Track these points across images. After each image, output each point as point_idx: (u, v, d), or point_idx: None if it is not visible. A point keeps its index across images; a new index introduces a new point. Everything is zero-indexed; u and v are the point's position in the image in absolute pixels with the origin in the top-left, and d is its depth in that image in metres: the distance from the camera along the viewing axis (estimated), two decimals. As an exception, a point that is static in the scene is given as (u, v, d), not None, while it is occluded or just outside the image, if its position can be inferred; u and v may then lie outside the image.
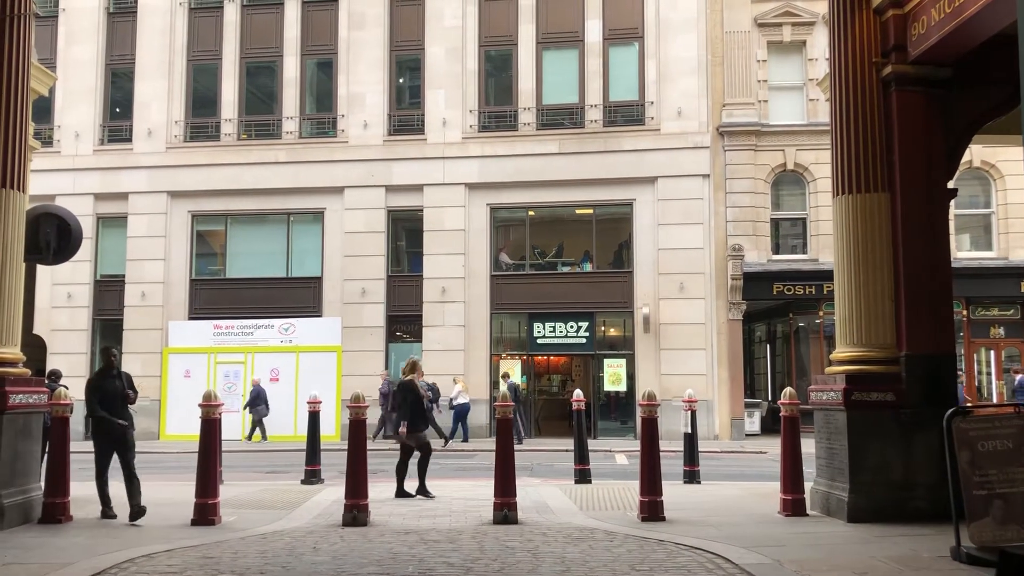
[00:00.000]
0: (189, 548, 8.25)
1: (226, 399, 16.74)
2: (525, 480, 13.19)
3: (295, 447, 18.55)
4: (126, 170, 26.12)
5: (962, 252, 23.62)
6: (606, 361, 24.62)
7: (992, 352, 24.75)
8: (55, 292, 25.72)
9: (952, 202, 10.96)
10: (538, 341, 25.03)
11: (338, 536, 8.88)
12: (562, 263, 25.84)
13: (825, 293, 22.00)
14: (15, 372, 9.67)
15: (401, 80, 26.86)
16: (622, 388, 24.38)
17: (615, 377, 24.44)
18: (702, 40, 24.71)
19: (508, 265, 25.54)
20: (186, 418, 22.04)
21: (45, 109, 25.42)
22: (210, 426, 9.76)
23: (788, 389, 10.65)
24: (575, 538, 8.67)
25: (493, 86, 26.44)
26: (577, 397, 14.32)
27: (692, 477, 13.38)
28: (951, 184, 10.63)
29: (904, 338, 9.86)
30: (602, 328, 25.26)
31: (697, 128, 24.49)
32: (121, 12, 27.05)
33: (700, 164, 24.33)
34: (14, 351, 9.80)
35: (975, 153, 22.97)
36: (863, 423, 9.67)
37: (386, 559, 7.74)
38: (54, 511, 9.70)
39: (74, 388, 11.70)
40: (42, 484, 10.03)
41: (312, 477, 13.56)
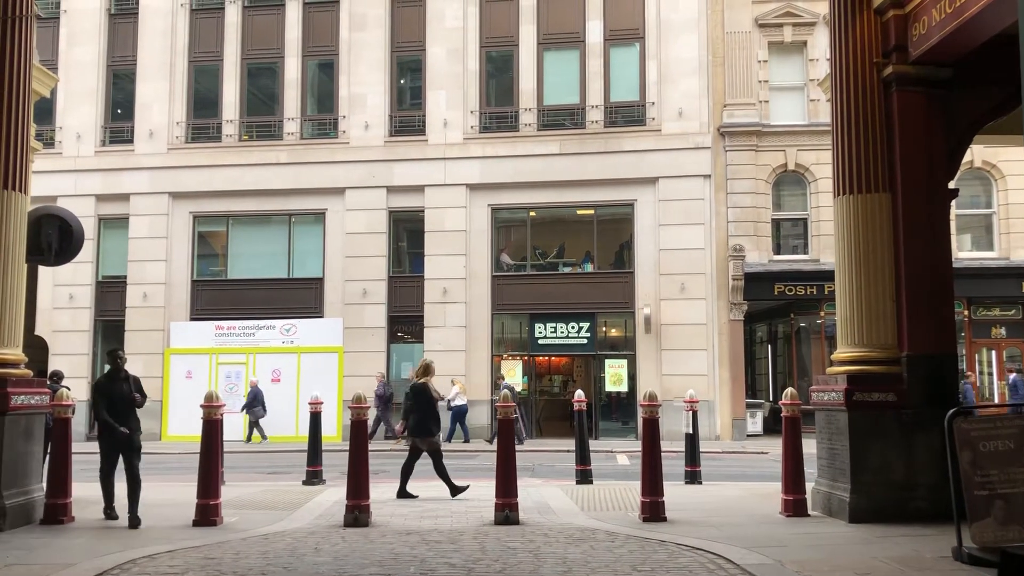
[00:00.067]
0: (191, 549, 8.27)
1: (227, 400, 16.70)
2: (526, 481, 13.21)
3: (296, 448, 18.55)
4: (127, 171, 26.15)
5: (963, 252, 23.61)
6: (607, 362, 24.61)
7: (993, 352, 24.74)
8: (57, 293, 25.76)
9: (953, 202, 10.98)
10: (539, 342, 25.03)
11: (340, 537, 8.88)
12: (563, 264, 25.83)
13: (826, 293, 22.00)
14: (17, 373, 9.69)
15: (402, 81, 26.87)
16: (623, 389, 24.35)
17: (616, 378, 24.43)
18: (703, 40, 24.71)
19: (509, 266, 25.54)
20: (187, 419, 22.03)
21: (47, 110, 25.43)
22: (212, 427, 9.77)
23: (789, 389, 10.66)
24: (576, 539, 8.68)
25: (494, 87, 26.45)
26: (578, 398, 14.33)
27: (693, 478, 13.36)
28: (952, 184, 10.65)
29: (905, 338, 9.87)
30: (603, 328, 25.27)
31: (698, 128, 24.49)
32: (122, 13, 27.07)
33: (701, 164, 24.33)
34: (16, 352, 9.82)
35: (976, 153, 22.98)
36: (864, 423, 9.67)
37: (387, 560, 7.75)
38: (56, 512, 9.72)
39: (76, 389, 11.73)
40: (44, 485, 10.05)
41: (314, 478, 13.58)
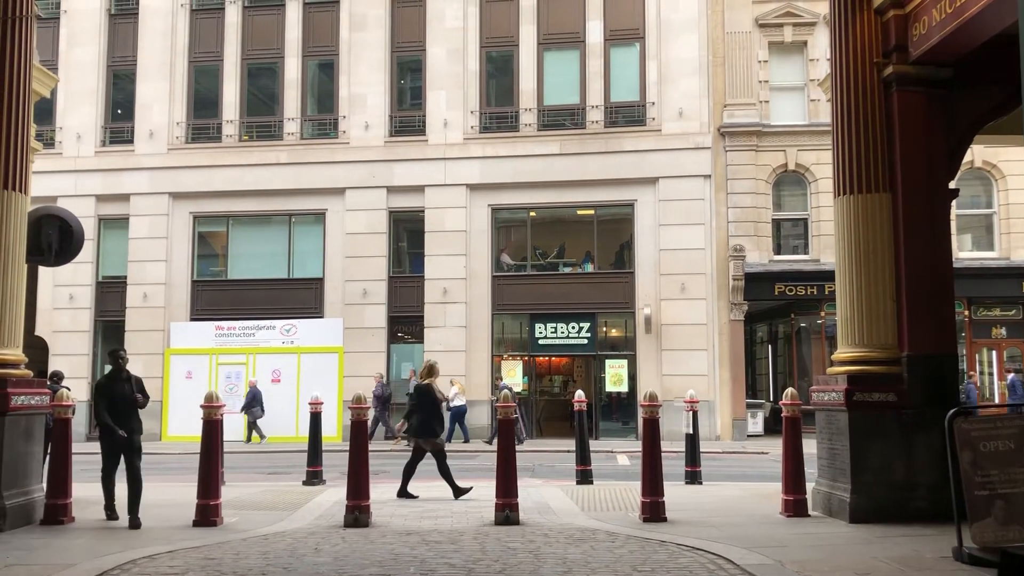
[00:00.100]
0: (191, 549, 8.27)
1: (228, 400, 16.72)
2: (527, 481, 13.20)
3: (296, 448, 18.55)
4: (128, 171, 26.15)
5: (964, 252, 23.60)
6: (607, 362, 24.60)
7: (994, 352, 24.74)
8: (57, 293, 25.76)
9: (953, 202, 10.97)
10: (539, 342, 25.03)
11: (340, 537, 8.88)
12: (563, 264, 25.82)
13: (827, 293, 21.99)
14: (17, 373, 9.69)
15: (402, 81, 26.86)
16: (623, 389, 24.35)
17: (616, 378, 24.42)
18: (703, 41, 24.70)
19: (509, 266, 25.53)
20: (187, 419, 22.05)
21: (47, 111, 25.43)
22: (212, 427, 9.77)
23: (790, 390, 10.65)
24: (577, 539, 8.68)
25: (494, 87, 26.45)
26: (579, 398, 14.32)
27: (694, 478, 13.36)
28: (952, 184, 10.65)
29: (906, 338, 9.87)
30: (603, 329, 25.26)
31: (698, 129, 24.48)
32: (122, 14, 27.07)
33: (701, 165, 24.32)
34: (16, 352, 9.82)
35: (977, 153, 22.97)
36: (865, 423, 9.67)
37: (387, 560, 7.75)
38: (56, 512, 9.72)
39: (76, 389, 11.72)
40: (44, 485, 10.05)
41: (314, 478, 13.57)
